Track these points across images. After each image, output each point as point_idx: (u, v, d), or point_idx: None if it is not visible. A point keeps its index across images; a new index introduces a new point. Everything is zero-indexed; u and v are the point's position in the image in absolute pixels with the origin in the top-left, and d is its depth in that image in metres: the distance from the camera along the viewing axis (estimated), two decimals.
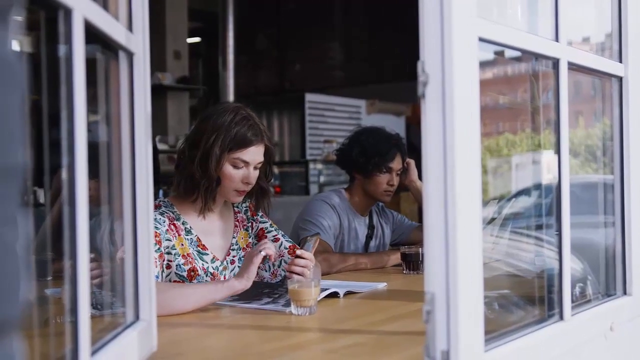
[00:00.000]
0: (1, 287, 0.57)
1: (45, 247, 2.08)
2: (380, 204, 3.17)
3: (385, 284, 2.35)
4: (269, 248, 1.98)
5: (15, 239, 0.58)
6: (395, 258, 2.80)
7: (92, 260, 1.33)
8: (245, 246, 2.35)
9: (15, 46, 0.61)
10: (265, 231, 2.39)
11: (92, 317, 1.06)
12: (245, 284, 1.92)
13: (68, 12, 0.98)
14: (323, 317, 1.84)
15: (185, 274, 2.14)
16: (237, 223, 2.36)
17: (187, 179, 2.18)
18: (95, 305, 1.31)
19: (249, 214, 2.40)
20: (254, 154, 2.19)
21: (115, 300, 1.42)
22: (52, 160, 1.07)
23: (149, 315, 1.38)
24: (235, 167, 2.17)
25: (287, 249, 2.33)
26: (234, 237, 2.33)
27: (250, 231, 2.38)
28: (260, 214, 2.42)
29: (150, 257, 1.40)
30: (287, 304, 1.90)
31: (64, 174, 1.00)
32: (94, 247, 1.12)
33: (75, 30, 0.99)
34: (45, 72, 1.06)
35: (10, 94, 0.58)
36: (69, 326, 1.03)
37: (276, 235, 2.39)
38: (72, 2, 0.97)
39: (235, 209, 2.39)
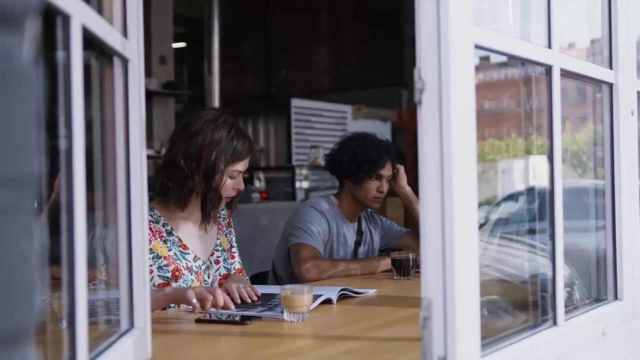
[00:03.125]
0: (18, 296, 0.56)
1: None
2: (369, 209, 3.17)
3: (375, 290, 2.35)
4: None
5: (31, 248, 0.58)
6: (385, 264, 2.80)
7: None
8: (226, 249, 2.43)
9: (30, 54, 0.61)
10: (232, 245, 2.48)
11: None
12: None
13: (66, 19, 0.98)
14: (316, 324, 1.84)
15: (169, 274, 2.19)
16: (220, 226, 2.43)
17: (187, 192, 2.23)
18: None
19: (226, 222, 2.48)
20: (247, 163, 2.31)
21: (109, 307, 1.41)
22: (44, 166, 1.06)
23: (144, 322, 1.38)
24: (231, 177, 2.27)
25: (235, 270, 2.41)
26: (218, 239, 2.40)
27: (227, 238, 2.46)
28: (230, 228, 2.50)
29: (144, 264, 1.39)
30: (280, 313, 1.89)
31: (62, 181, 0.99)
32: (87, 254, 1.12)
33: (73, 37, 0.99)
34: (41, 77, 1.05)
35: (27, 104, 0.58)
36: (65, 333, 1.02)
37: (235, 253, 2.48)
38: (70, 9, 0.97)
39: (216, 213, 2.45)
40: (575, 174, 2.09)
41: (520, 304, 1.72)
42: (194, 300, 1.86)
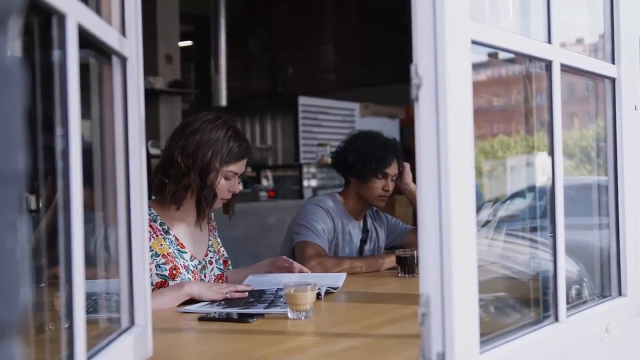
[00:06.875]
0: (1, 292, 0.57)
1: (39, 253, 2.08)
2: (375, 207, 3.16)
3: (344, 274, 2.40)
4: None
5: (15, 244, 0.59)
6: (390, 261, 2.80)
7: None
8: (216, 251, 2.46)
9: (14, 52, 0.61)
10: (219, 249, 2.50)
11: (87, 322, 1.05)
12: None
13: (62, 18, 0.98)
14: (319, 321, 1.84)
15: (167, 272, 2.21)
16: (210, 228, 2.47)
17: (182, 189, 2.25)
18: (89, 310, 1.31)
19: (214, 224, 2.50)
20: (243, 165, 2.33)
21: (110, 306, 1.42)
22: (45, 165, 1.07)
23: (144, 320, 1.38)
24: (226, 178, 2.29)
25: (215, 275, 2.41)
26: (209, 240, 2.43)
27: (217, 240, 2.49)
28: (216, 232, 2.52)
29: (145, 262, 1.39)
30: (285, 306, 1.89)
31: (59, 180, 1.00)
32: (88, 254, 1.12)
33: (68, 36, 0.99)
34: (37, 77, 1.06)
35: (11, 101, 0.58)
36: (65, 332, 1.03)
37: (214, 258, 2.47)
38: (66, 8, 0.97)
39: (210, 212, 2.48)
40: (584, 170, 2.09)
41: (523, 301, 1.72)
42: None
